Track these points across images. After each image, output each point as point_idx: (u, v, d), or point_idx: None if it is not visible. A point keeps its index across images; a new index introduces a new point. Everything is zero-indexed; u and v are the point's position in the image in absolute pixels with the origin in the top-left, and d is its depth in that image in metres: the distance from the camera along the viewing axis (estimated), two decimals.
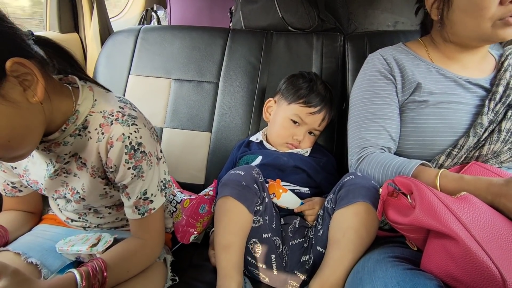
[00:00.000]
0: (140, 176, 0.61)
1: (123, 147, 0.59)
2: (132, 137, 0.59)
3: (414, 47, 0.85)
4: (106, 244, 0.64)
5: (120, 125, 0.59)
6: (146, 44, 1.16)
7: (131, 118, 0.61)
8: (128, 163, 0.60)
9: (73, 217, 0.74)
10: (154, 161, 0.64)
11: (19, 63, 0.47)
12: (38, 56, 0.53)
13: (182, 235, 0.84)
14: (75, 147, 0.61)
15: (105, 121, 0.59)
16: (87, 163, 0.62)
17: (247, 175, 0.73)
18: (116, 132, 0.58)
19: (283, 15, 1.18)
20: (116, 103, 0.63)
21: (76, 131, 0.60)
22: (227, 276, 0.67)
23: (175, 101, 1.11)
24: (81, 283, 0.53)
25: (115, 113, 0.60)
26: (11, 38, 0.48)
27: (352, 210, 0.67)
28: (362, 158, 0.76)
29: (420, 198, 0.54)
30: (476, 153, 0.71)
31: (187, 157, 1.08)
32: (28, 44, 0.52)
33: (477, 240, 0.46)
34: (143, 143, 0.61)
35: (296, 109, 0.94)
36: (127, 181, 0.61)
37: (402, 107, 0.79)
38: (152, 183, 0.64)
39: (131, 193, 0.63)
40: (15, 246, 0.66)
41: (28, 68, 0.48)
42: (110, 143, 0.59)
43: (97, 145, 0.60)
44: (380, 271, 0.54)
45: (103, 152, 0.60)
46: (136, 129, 0.60)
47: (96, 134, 0.59)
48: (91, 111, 0.60)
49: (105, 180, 0.64)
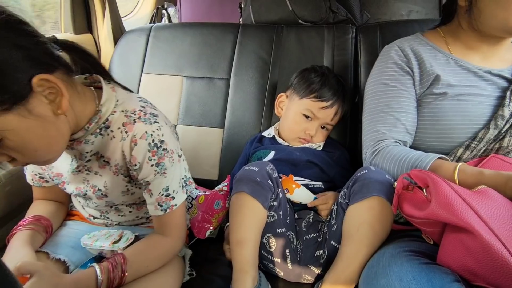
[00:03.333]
0: (162, 173, 0.63)
1: (147, 144, 0.60)
2: (154, 135, 0.61)
3: (432, 37, 0.83)
4: (128, 241, 0.66)
5: (143, 123, 0.61)
6: (157, 42, 1.17)
7: (153, 116, 0.63)
8: (152, 160, 0.61)
9: (95, 214, 0.76)
10: (175, 158, 0.65)
11: (45, 80, 0.49)
12: (63, 66, 0.55)
13: (198, 230, 0.86)
14: (97, 146, 0.63)
15: (128, 120, 0.61)
16: (111, 162, 0.64)
17: (262, 171, 0.73)
18: (140, 131, 0.60)
19: (293, 8, 1.17)
20: (138, 103, 0.64)
21: (98, 130, 0.61)
22: (242, 270, 0.69)
23: (188, 98, 1.12)
24: (100, 276, 0.57)
25: (137, 112, 0.62)
26: (37, 55, 0.50)
27: (366, 205, 0.66)
28: (377, 152, 0.75)
29: (436, 192, 0.53)
30: (496, 146, 0.69)
31: (201, 153, 1.09)
32: (53, 55, 0.54)
33: (496, 234, 0.45)
34: (165, 140, 0.62)
35: (308, 103, 0.94)
36: (150, 178, 0.63)
37: (420, 100, 0.78)
38: (174, 179, 0.65)
39: (153, 190, 0.64)
40: (42, 246, 0.69)
41: (53, 83, 0.50)
42: (134, 141, 0.60)
43: (121, 144, 0.61)
44: (395, 265, 0.54)
45: (127, 150, 0.61)
46: (158, 127, 0.62)
47: (120, 133, 0.61)
48: (113, 110, 0.62)
49: (128, 177, 0.66)
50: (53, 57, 0.53)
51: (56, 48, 0.55)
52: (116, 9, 1.30)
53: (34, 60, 0.49)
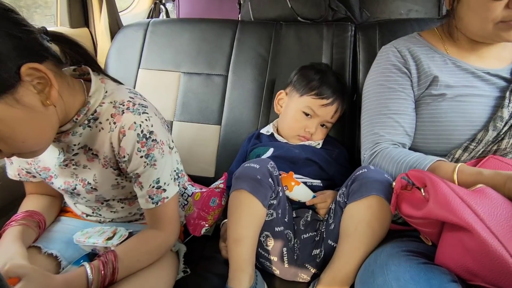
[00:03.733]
0: (152, 164, 0.62)
1: (136, 135, 0.59)
2: (143, 125, 0.60)
3: (429, 37, 0.82)
4: (121, 238, 0.65)
5: (132, 114, 0.60)
6: (155, 38, 1.16)
7: (141, 107, 0.61)
8: (141, 152, 0.60)
9: (87, 212, 0.75)
10: (166, 150, 0.64)
11: (34, 69, 0.48)
12: (52, 57, 0.54)
13: (194, 227, 0.85)
14: (84, 139, 0.62)
15: (116, 111, 0.60)
16: (99, 154, 0.63)
17: (262, 168, 0.72)
18: (128, 121, 0.59)
19: (292, 5, 1.16)
20: (127, 94, 0.63)
21: (86, 121, 0.60)
22: (239, 268, 0.68)
23: (185, 94, 1.11)
24: (91, 275, 0.57)
25: (126, 102, 0.61)
26: (26, 43, 0.49)
27: (365, 204, 0.66)
28: (376, 153, 0.74)
29: (434, 191, 0.53)
30: (494, 147, 0.69)
31: (197, 150, 1.08)
32: (43, 45, 0.52)
33: (494, 233, 0.45)
34: (155, 131, 0.61)
35: (308, 101, 0.93)
36: (139, 170, 0.62)
37: (418, 101, 0.77)
38: (165, 171, 0.64)
39: (144, 182, 0.63)
40: (35, 241, 0.68)
41: (42, 72, 0.49)
42: (122, 132, 0.59)
43: (109, 135, 0.60)
44: (392, 264, 0.53)
45: (115, 142, 0.60)
46: (147, 117, 0.61)
47: (108, 124, 0.60)
48: (102, 102, 0.61)
49: (117, 170, 0.65)
50: (42, 47, 0.52)
51: (45, 39, 0.54)
52: (113, 4, 1.28)
53: (23, 49, 0.48)
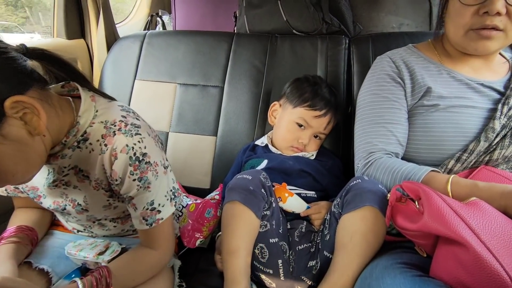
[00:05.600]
0: (146, 187, 0.60)
1: (128, 158, 0.57)
2: (136, 148, 0.57)
3: (424, 49, 0.84)
4: (113, 253, 0.64)
5: (124, 136, 0.57)
6: (151, 49, 1.17)
7: (134, 127, 0.59)
8: (133, 175, 0.58)
9: (79, 228, 0.73)
10: (160, 171, 0.62)
11: (18, 102, 0.46)
12: (37, 82, 0.51)
13: (189, 239, 0.84)
14: (74, 160, 0.59)
15: (107, 131, 0.57)
16: (90, 176, 0.60)
17: (255, 179, 0.73)
18: (120, 143, 0.56)
19: (287, 18, 1.18)
20: (119, 112, 0.60)
21: (75, 143, 0.58)
22: (234, 281, 0.67)
23: (181, 105, 1.11)
24: None
25: (118, 122, 0.58)
26: (8, 75, 0.46)
27: (359, 215, 0.66)
28: (370, 163, 0.75)
29: (428, 204, 0.53)
30: (486, 158, 0.70)
31: (193, 161, 1.08)
32: (25, 72, 0.49)
33: (488, 247, 0.45)
34: (148, 153, 0.58)
35: (301, 112, 0.94)
36: (132, 193, 0.60)
37: (411, 111, 0.78)
38: (159, 193, 0.62)
39: (137, 204, 0.61)
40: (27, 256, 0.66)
41: (28, 104, 0.47)
42: (114, 155, 0.56)
43: (100, 157, 0.58)
44: (388, 277, 0.53)
45: (107, 164, 0.58)
46: (140, 139, 0.58)
47: (99, 145, 0.57)
48: (92, 122, 0.58)
49: (109, 192, 0.62)
50: (25, 73, 0.49)
51: (26, 60, 0.51)
52: (110, 15, 1.29)
53: (5, 82, 0.46)
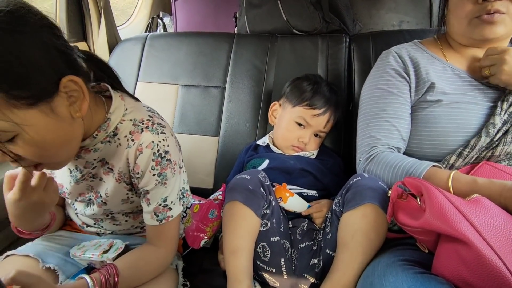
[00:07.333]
0: (163, 183, 0.64)
1: (152, 154, 0.61)
2: (160, 145, 0.62)
3: (429, 45, 0.84)
4: (117, 251, 0.65)
5: (150, 133, 0.62)
6: (153, 51, 1.18)
7: (160, 126, 0.64)
8: (154, 170, 0.62)
9: (88, 222, 0.75)
10: (177, 169, 0.66)
11: (72, 81, 0.51)
12: (84, 73, 0.57)
13: (193, 240, 0.85)
14: (103, 153, 0.64)
15: (136, 128, 0.62)
16: (114, 169, 0.64)
17: (253, 179, 0.73)
18: (146, 140, 0.61)
19: (287, 18, 1.18)
20: (146, 112, 0.65)
21: (107, 138, 0.62)
22: (237, 280, 0.68)
23: (183, 106, 1.12)
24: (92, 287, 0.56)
25: (145, 121, 0.63)
26: (67, 57, 0.52)
27: (360, 212, 0.66)
28: (371, 158, 0.75)
29: (430, 201, 0.53)
30: (488, 154, 0.69)
31: (196, 162, 1.09)
32: (78, 62, 0.55)
33: (490, 244, 0.45)
34: (170, 151, 0.63)
35: (300, 111, 0.94)
36: (150, 187, 0.63)
37: (414, 106, 0.78)
38: (173, 191, 0.66)
39: (152, 199, 0.64)
40: (35, 252, 0.68)
41: (78, 85, 0.52)
42: (139, 149, 0.61)
43: (126, 152, 0.62)
44: (390, 275, 0.53)
45: (131, 158, 0.62)
46: (164, 137, 0.63)
47: (126, 141, 0.62)
48: (122, 119, 0.63)
49: (129, 185, 0.66)
50: (78, 63, 0.55)
51: (80, 56, 0.56)
52: (111, 18, 1.30)
53: (65, 62, 0.51)
